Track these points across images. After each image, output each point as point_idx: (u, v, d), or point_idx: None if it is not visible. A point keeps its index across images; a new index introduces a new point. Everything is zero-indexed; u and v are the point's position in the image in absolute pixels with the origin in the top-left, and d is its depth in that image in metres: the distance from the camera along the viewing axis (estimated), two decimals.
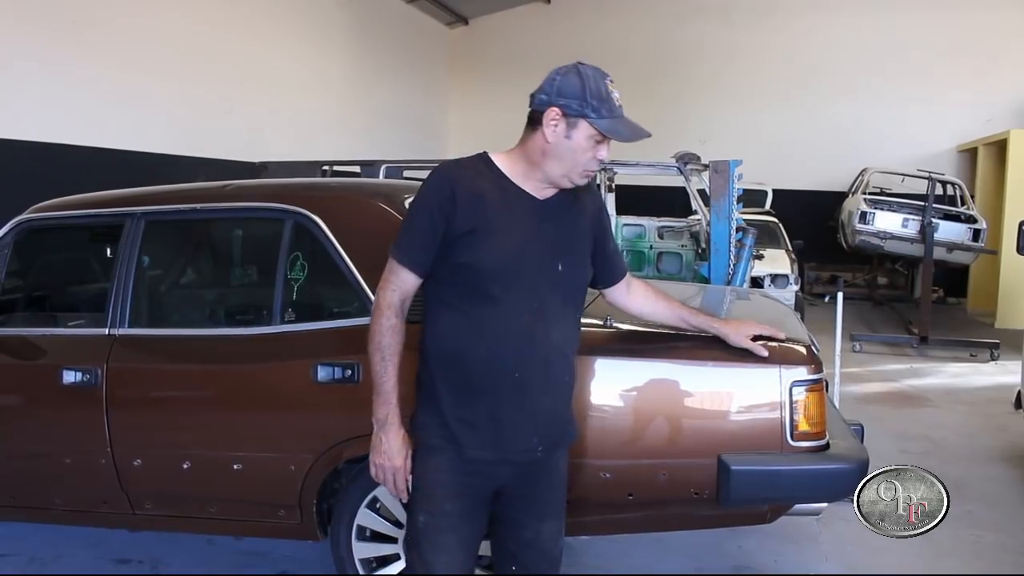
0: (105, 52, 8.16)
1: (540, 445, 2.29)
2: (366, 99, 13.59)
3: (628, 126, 2.21)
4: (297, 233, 3.26)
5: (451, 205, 2.17)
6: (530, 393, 2.24)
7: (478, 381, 2.22)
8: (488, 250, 2.18)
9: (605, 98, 2.16)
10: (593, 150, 2.19)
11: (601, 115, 2.15)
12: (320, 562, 3.66)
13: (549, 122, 2.16)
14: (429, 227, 2.19)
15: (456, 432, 2.23)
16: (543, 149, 2.19)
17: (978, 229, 11.19)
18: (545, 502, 2.39)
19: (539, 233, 2.25)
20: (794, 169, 14.44)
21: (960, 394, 7.43)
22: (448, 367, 2.24)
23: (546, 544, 2.40)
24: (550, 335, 2.26)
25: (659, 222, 8.18)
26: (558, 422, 2.35)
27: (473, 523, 2.33)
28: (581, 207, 2.36)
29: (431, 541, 2.28)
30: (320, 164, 8.35)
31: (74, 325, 3.75)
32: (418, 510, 2.29)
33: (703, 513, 3.10)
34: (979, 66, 14.11)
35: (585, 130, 2.16)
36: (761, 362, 2.87)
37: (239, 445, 3.23)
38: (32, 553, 3.93)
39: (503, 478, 2.30)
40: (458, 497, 2.27)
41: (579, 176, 2.23)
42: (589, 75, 2.17)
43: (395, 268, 2.24)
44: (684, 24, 15.62)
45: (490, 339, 2.20)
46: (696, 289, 5.27)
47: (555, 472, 2.39)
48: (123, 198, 3.67)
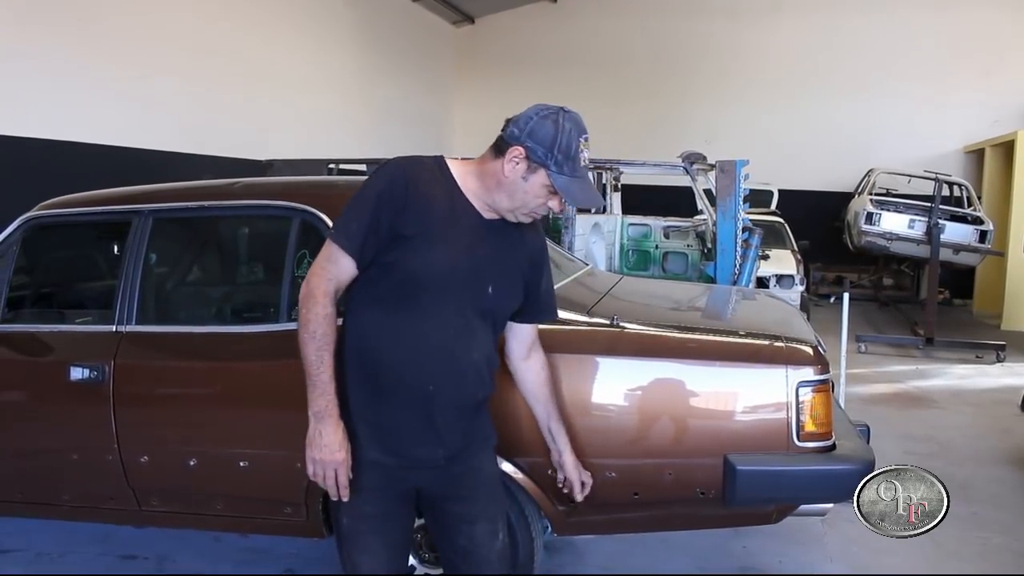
0: (112, 50, 8.18)
1: (444, 455, 2.27)
2: (372, 97, 13.61)
3: (584, 190, 2.19)
4: (304, 231, 3.26)
5: (403, 203, 2.13)
6: (440, 407, 2.21)
7: (390, 385, 2.20)
8: (425, 258, 2.14)
9: (572, 156, 2.12)
10: (545, 198, 2.17)
11: (563, 171, 2.12)
12: (325, 560, 3.67)
13: (512, 158, 2.14)
14: (377, 220, 2.13)
15: (360, 434, 2.21)
16: (499, 180, 2.18)
17: (985, 230, 11.17)
18: (474, 504, 2.37)
19: (477, 252, 2.22)
20: (800, 169, 14.42)
21: (966, 395, 7.42)
22: (361, 366, 2.21)
23: (482, 549, 2.38)
24: (471, 353, 2.24)
25: (665, 222, 8.16)
26: (465, 435, 2.31)
27: (396, 522, 2.33)
28: (521, 239, 2.34)
29: (355, 543, 2.29)
30: (326, 162, 8.36)
31: (81, 322, 3.76)
32: (340, 513, 2.28)
33: (708, 513, 3.10)
34: (986, 67, 14.09)
35: (542, 179, 2.14)
36: (768, 362, 2.87)
37: (245, 442, 3.23)
38: (39, 549, 3.95)
39: (424, 481, 2.29)
40: (376, 500, 2.26)
41: (525, 216, 2.22)
42: (565, 128, 2.13)
43: (335, 255, 2.16)
44: (690, 23, 15.60)
45: (411, 346, 2.17)
46: (701, 289, 5.26)
47: (479, 473, 2.38)
48: (130, 195, 3.67)
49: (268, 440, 3.19)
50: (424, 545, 3.19)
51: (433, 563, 3.20)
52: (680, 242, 8.02)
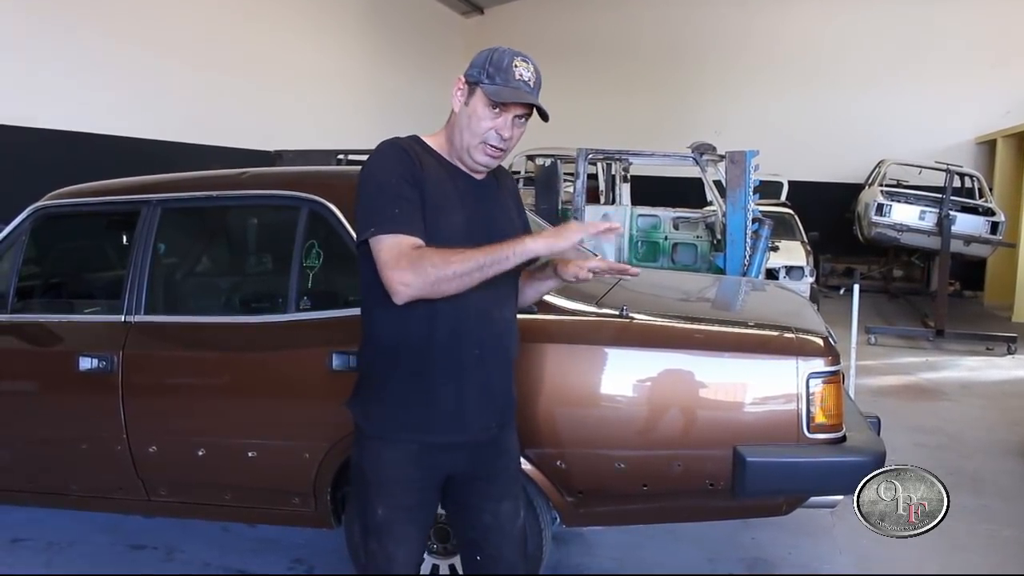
0: (121, 41, 8.19)
1: (495, 423, 2.29)
2: (381, 88, 13.60)
3: (514, 91, 2.14)
4: (312, 221, 3.25)
5: (413, 172, 2.12)
6: (489, 370, 2.24)
7: (440, 364, 2.18)
8: (440, 227, 2.13)
9: (503, 68, 2.14)
10: (491, 120, 2.15)
11: (495, 82, 2.13)
12: (334, 551, 3.68)
13: (455, 92, 2.20)
14: (413, 195, 2.10)
15: (417, 420, 2.20)
16: (453, 121, 2.22)
17: (996, 222, 11.11)
18: (500, 483, 2.38)
19: (480, 211, 2.24)
20: (810, 160, 14.37)
21: (976, 388, 7.38)
22: (405, 355, 2.18)
23: (506, 525, 2.39)
24: (503, 311, 2.27)
25: (674, 213, 8.14)
26: (510, 398, 2.35)
27: (429, 510, 2.34)
28: (505, 189, 2.38)
29: (391, 534, 2.27)
30: (335, 152, 8.36)
31: (90, 312, 3.77)
32: (376, 503, 2.26)
33: (718, 504, 3.09)
34: (998, 57, 13.99)
35: (480, 98, 2.15)
36: (778, 353, 2.86)
37: (254, 433, 3.23)
38: (49, 538, 3.96)
39: (459, 464, 2.29)
40: (417, 491, 2.26)
41: (479, 151, 2.18)
42: (499, 49, 2.19)
43: (400, 242, 2.05)
44: (700, 13, 15.54)
45: (450, 320, 2.15)
46: (711, 280, 5.24)
47: (507, 452, 2.39)
48: (139, 185, 3.67)
49: (276, 430, 3.20)
50: (432, 536, 3.19)
51: (440, 554, 3.20)
52: (690, 233, 7.99)
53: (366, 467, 2.26)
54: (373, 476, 2.25)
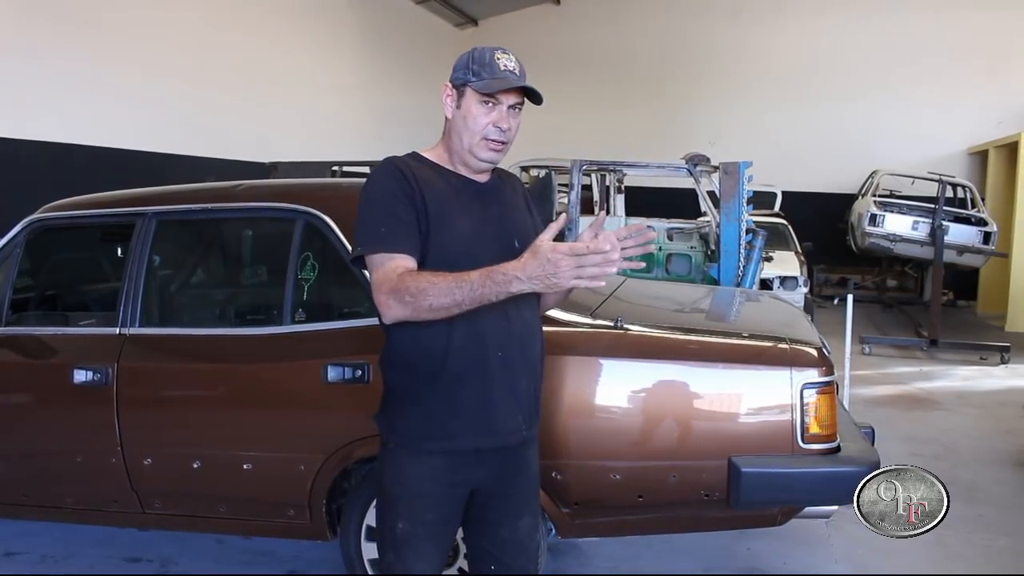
0: (116, 52, 8.18)
1: (524, 425, 2.28)
2: (376, 100, 13.61)
3: (503, 80, 2.16)
4: (308, 233, 3.26)
5: (416, 190, 2.14)
6: (515, 372, 2.23)
7: (464, 369, 2.18)
8: (449, 236, 2.15)
9: (487, 63, 2.16)
10: (487, 116, 2.17)
11: (481, 77, 2.16)
12: (329, 562, 3.67)
13: (445, 99, 2.22)
14: (406, 212, 2.12)
15: (444, 428, 2.19)
16: (448, 129, 2.24)
17: (989, 232, 11.13)
18: (521, 499, 2.37)
19: (489, 215, 2.25)
20: (803, 171, 14.40)
21: (970, 397, 7.39)
22: (428, 364, 2.18)
23: (524, 540, 2.38)
24: (522, 312, 2.26)
25: (668, 223, 8.15)
26: (535, 400, 2.34)
27: (450, 527, 2.33)
28: (514, 189, 2.39)
29: (412, 548, 2.26)
30: (330, 164, 8.37)
31: (85, 324, 3.77)
32: (397, 517, 2.26)
33: (713, 515, 3.10)
34: (990, 68, 14.05)
35: (471, 96, 2.17)
36: (772, 364, 2.87)
37: (249, 445, 3.23)
38: (43, 551, 3.94)
39: (484, 477, 2.27)
40: (440, 507, 2.26)
41: (482, 148, 2.20)
42: (478, 48, 2.21)
43: (386, 261, 2.08)
44: (694, 25, 15.58)
45: (468, 325, 2.14)
46: (705, 291, 5.25)
47: (529, 468, 2.38)
48: (134, 198, 3.68)
49: (272, 442, 3.20)
50: None
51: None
52: (684, 244, 8.01)
53: (389, 480, 2.25)
54: (394, 490, 2.25)
